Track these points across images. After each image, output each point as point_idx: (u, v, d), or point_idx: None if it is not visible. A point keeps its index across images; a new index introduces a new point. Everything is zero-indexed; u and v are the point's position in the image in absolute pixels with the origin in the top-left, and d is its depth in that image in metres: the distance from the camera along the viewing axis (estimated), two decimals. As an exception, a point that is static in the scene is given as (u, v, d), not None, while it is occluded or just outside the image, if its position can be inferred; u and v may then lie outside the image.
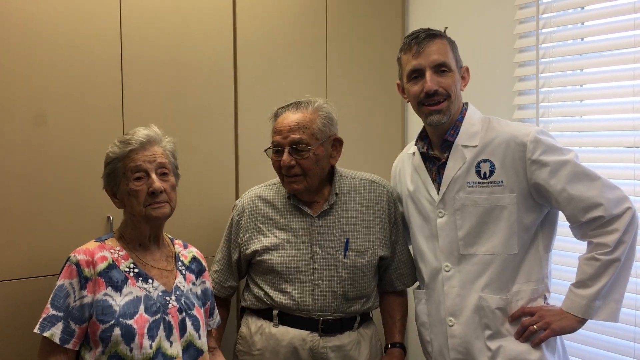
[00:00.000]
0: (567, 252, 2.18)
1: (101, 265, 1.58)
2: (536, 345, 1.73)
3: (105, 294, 1.56)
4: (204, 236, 2.19)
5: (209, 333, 1.84)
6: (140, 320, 1.57)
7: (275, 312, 1.91)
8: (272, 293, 1.91)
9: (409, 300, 2.11)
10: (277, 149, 1.89)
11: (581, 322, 1.71)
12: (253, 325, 1.96)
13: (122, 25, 2.05)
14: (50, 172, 1.92)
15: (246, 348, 1.97)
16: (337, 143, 1.94)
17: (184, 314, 1.66)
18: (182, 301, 1.67)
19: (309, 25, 2.53)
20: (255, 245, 1.94)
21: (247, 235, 1.97)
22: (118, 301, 1.57)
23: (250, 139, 2.34)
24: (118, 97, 2.04)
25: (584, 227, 1.71)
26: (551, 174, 1.70)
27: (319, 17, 2.55)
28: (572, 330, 1.73)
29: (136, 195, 1.62)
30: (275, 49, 2.43)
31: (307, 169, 1.86)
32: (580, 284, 1.70)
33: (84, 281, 1.55)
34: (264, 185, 2.04)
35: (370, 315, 2.04)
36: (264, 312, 1.95)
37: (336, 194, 1.95)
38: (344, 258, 1.90)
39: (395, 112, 2.82)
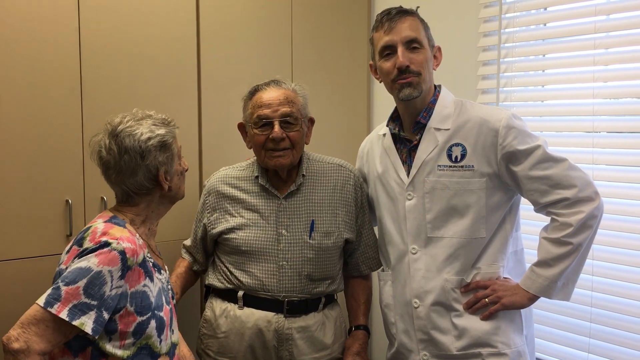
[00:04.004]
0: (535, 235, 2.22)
1: (142, 254, 1.47)
2: (485, 318, 1.76)
3: (144, 285, 1.47)
4: (169, 218, 2.15)
5: None
6: (166, 311, 1.53)
7: (240, 294, 1.91)
8: (237, 273, 1.91)
9: (372, 283, 2.13)
10: (264, 123, 1.87)
11: (532, 299, 1.75)
12: (217, 308, 1.95)
13: (79, 6, 1.98)
14: (6, 156, 1.86)
15: (211, 331, 1.96)
16: (310, 123, 1.97)
17: (173, 300, 1.66)
18: (170, 287, 1.67)
19: (274, 3, 2.49)
20: (222, 226, 1.93)
21: (215, 215, 1.96)
22: (154, 292, 1.50)
23: (214, 120, 2.31)
24: (76, 80, 1.98)
25: (548, 207, 1.73)
26: (522, 159, 1.72)
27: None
28: (521, 306, 1.76)
29: (184, 176, 1.64)
30: (239, 28, 2.38)
31: (296, 142, 1.87)
32: (542, 264, 1.72)
33: (125, 270, 1.42)
34: (232, 167, 2.04)
35: (335, 297, 2.06)
36: (229, 294, 1.94)
37: (303, 175, 1.95)
38: (309, 239, 1.91)
39: (360, 91, 2.81)
